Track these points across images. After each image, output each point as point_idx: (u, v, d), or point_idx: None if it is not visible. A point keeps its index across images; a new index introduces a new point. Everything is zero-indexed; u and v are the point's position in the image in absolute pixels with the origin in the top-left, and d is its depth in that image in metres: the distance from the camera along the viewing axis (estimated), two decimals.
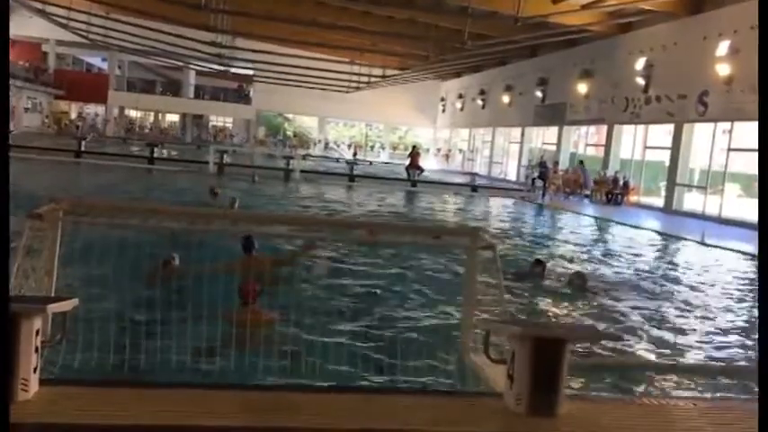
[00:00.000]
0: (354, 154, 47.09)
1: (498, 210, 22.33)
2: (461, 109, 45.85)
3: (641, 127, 25.79)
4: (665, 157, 23.85)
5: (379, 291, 7.94)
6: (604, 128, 27.92)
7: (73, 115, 53.78)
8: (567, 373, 3.23)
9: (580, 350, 5.84)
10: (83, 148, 26.50)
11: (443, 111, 50.50)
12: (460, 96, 45.72)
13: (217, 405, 3.00)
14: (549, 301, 8.36)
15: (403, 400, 3.39)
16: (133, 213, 5.14)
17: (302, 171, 26.26)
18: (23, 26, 42.85)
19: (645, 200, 24.96)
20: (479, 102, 41.40)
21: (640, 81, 24.28)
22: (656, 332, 7.28)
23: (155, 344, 4.53)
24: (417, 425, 2.98)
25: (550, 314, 7.79)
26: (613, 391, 5.22)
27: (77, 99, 52.05)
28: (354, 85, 41.33)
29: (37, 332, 2.95)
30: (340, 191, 23.16)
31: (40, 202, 4.24)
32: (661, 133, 24.72)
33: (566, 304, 8.26)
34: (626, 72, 25.02)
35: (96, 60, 56.90)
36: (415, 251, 9.54)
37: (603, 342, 6.29)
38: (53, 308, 3.09)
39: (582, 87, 28.50)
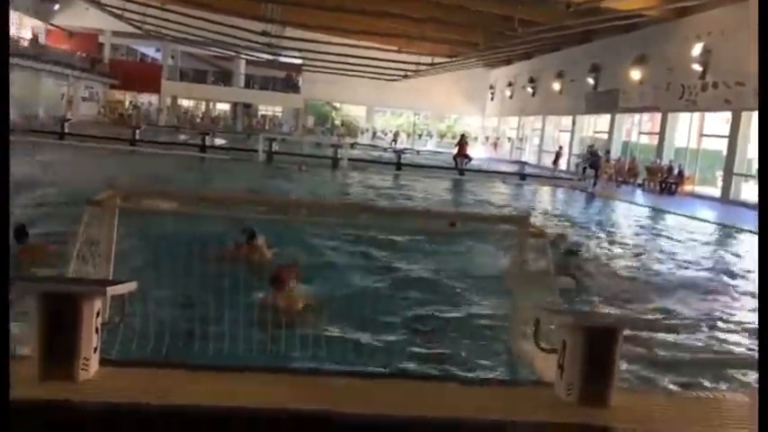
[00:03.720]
0: (393, 141, 46.91)
1: (547, 198, 22.03)
2: (510, 97, 45.27)
3: (697, 114, 25.08)
4: (721, 145, 23.16)
5: (424, 279, 7.90)
6: (658, 115, 27.24)
7: (126, 104, 54.97)
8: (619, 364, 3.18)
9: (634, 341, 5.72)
10: (137, 137, 27.12)
11: (492, 99, 49.95)
12: (510, 84, 45.14)
13: (267, 388, 3.06)
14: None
15: (452, 388, 3.38)
16: (190, 202, 5.25)
17: (350, 159, 26.37)
18: (80, 17, 44.07)
19: (700, 189, 24.30)
20: (529, 89, 40.80)
21: (697, 67, 23.58)
22: (707, 325, 7.08)
23: (209, 328, 4.62)
24: (466, 413, 2.98)
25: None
26: (665, 384, 5.11)
27: (131, 88, 53.13)
28: (402, 73, 41.23)
29: (97, 314, 3.06)
30: (387, 179, 23.17)
31: (97, 188, 4.38)
32: (718, 121, 24.00)
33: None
34: (682, 58, 24.32)
35: (150, 50, 58.01)
36: (463, 238, 9.50)
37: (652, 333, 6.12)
38: (112, 290, 3.19)
39: (636, 74, 27.83)
